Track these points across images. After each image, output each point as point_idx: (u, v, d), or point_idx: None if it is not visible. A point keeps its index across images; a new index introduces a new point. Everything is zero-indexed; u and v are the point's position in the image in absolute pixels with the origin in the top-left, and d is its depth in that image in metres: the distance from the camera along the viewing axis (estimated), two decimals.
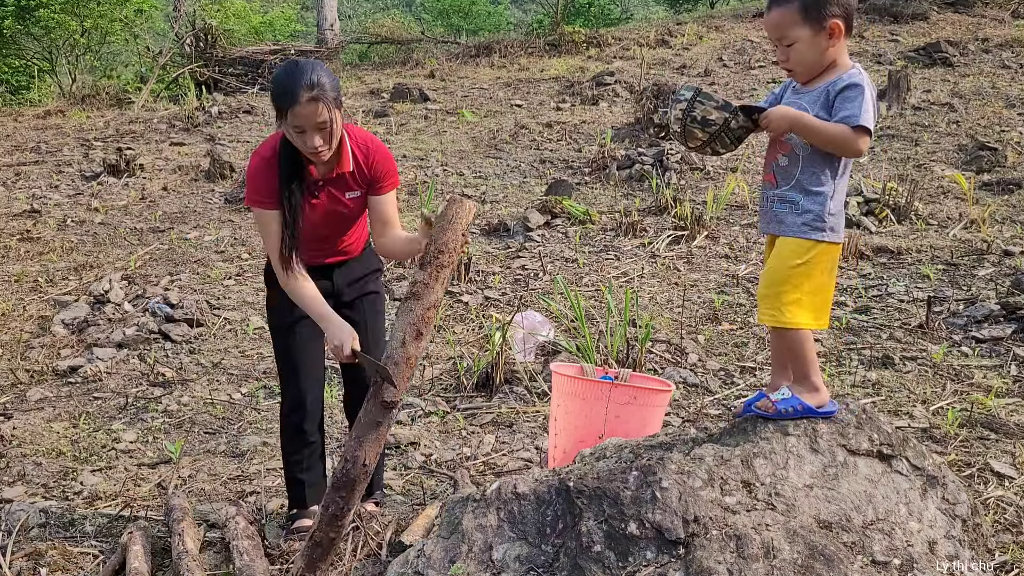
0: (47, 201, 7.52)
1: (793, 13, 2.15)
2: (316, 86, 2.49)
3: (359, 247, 2.94)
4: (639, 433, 2.87)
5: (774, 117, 2.18)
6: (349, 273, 2.90)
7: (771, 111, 2.19)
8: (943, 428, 3.46)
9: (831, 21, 2.14)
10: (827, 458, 2.26)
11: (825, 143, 2.16)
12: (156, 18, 17.66)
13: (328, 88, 2.52)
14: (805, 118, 2.16)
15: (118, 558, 2.72)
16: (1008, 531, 2.74)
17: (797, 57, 2.19)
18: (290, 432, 2.92)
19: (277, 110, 2.55)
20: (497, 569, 2.15)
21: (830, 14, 2.13)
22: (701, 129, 2.21)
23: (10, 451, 3.66)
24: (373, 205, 2.81)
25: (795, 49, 2.18)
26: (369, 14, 32.38)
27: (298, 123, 2.51)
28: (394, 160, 2.84)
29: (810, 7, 2.13)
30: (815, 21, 2.14)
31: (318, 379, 2.93)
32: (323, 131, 2.54)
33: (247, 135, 9.77)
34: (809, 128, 2.16)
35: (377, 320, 2.98)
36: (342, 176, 2.72)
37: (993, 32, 12.12)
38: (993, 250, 5.56)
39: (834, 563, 1.99)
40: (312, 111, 2.50)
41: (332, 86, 2.54)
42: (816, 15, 2.13)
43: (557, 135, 9.18)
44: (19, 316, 5.20)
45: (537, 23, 20.35)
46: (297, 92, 2.47)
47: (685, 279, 5.43)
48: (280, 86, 2.52)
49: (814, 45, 2.16)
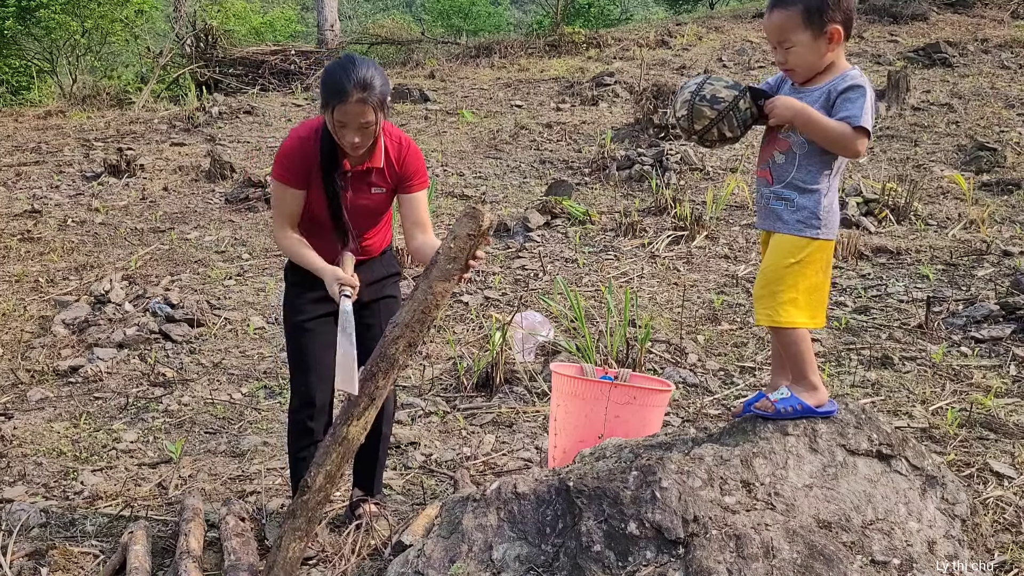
0: (48, 201, 7.53)
1: (795, 17, 2.16)
2: (368, 87, 2.50)
3: (379, 247, 2.94)
4: (639, 433, 2.88)
5: (779, 105, 2.19)
6: (369, 273, 2.88)
7: (776, 99, 2.20)
8: (942, 428, 3.46)
9: (832, 27, 2.15)
10: (826, 458, 2.27)
11: (825, 140, 2.17)
12: (156, 18, 17.68)
13: (378, 90, 2.52)
14: (809, 111, 2.16)
15: (118, 558, 2.73)
16: (1007, 531, 2.74)
17: (796, 60, 2.21)
18: (297, 430, 2.93)
19: (324, 101, 2.56)
20: (497, 569, 2.15)
21: (831, 19, 2.15)
22: (710, 107, 2.20)
23: (11, 451, 3.67)
24: (404, 204, 2.83)
25: (794, 52, 2.20)
26: (369, 15, 32.41)
27: (342, 119, 2.53)
28: (424, 160, 2.86)
29: (812, 12, 2.15)
30: (816, 26, 2.15)
31: (327, 379, 2.92)
32: (365, 131, 2.56)
33: (247, 135, 9.78)
34: (812, 122, 2.16)
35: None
36: (371, 171, 2.74)
37: (992, 33, 12.13)
38: (992, 250, 5.57)
39: (834, 563, 2.00)
40: (359, 111, 2.51)
41: (383, 89, 2.55)
42: (818, 20, 2.15)
43: (557, 135, 9.18)
44: (20, 316, 5.20)
45: (537, 24, 20.38)
46: (348, 90, 2.49)
47: (685, 279, 5.43)
48: (332, 81, 2.53)
49: (814, 49, 2.18)
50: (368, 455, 2.98)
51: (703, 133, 2.25)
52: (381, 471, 3.06)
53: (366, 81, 2.50)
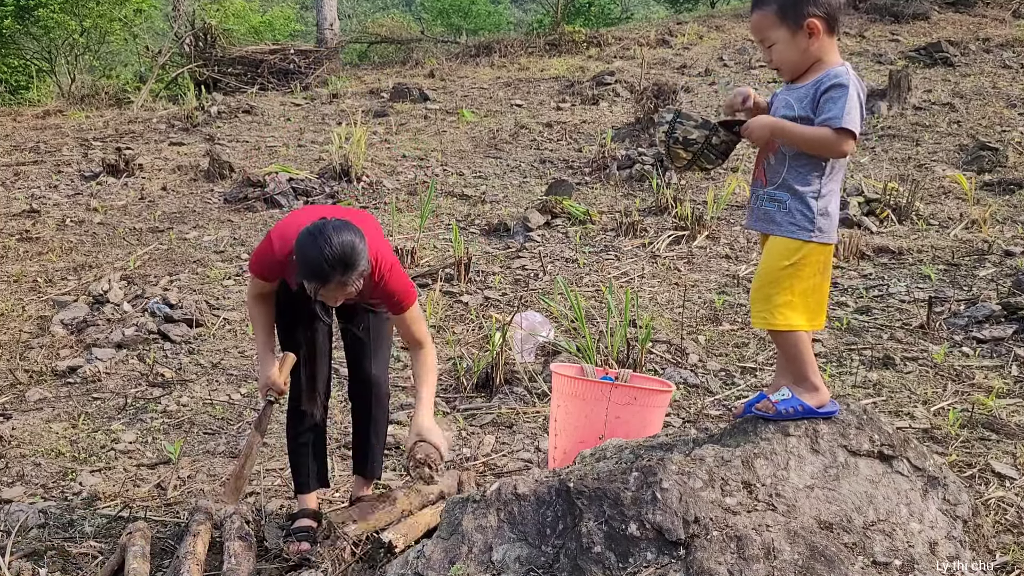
0: (46, 201, 7.52)
1: (770, 15, 2.19)
2: (348, 268, 2.40)
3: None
4: (639, 434, 2.87)
5: (754, 127, 2.21)
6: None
7: (751, 122, 2.23)
8: (944, 429, 3.45)
9: (808, 20, 2.16)
10: (828, 459, 2.26)
11: (807, 147, 2.18)
12: (155, 18, 17.64)
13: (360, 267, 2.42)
14: (785, 125, 2.18)
15: (117, 558, 2.71)
16: (1009, 532, 2.73)
17: (779, 57, 2.23)
18: (294, 415, 2.96)
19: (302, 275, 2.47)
20: (497, 570, 2.14)
21: (808, 13, 2.15)
22: (684, 149, 2.27)
23: (9, 451, 3.66)
24: (393, 321, 2.84)
25: (776, 49, 2.22)
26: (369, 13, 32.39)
27: (323, 295, 2.49)
28: (407, 281, 2.73)
29: (787, 8, 2.17)
30: (792, 20, 2.17)
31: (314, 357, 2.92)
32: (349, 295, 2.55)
33: (246, 135, 9.77)
34: (789, 134, 2.18)
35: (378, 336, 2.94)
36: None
37: (994, 32, 12.12)
38: (994, 250, 5.56)
39: (835, 564, 1.98)
40: (341, 290, 2.47)
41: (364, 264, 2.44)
42: (792, 15, 2.16)
43: (557, 135, 9.17)
44: (18, 316, 5.19)
45: (537, 23, 20.38)
46: (327, 274, 2.40)
47: (685, 279, 5.42)
48: (308, 260, 2.40)
49: (793, 45, 2.19)
50: (361, 440, 3.00)
51: (684, 168, 2.35)
52: (378, 454, 3.04)
53: (346, 261, 2.39)
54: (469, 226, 6.65)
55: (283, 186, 7.37)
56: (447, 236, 6.27)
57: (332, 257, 2.38)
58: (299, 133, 9.77)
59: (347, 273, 2.42)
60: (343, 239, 2.41)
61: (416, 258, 5.82)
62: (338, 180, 7.65)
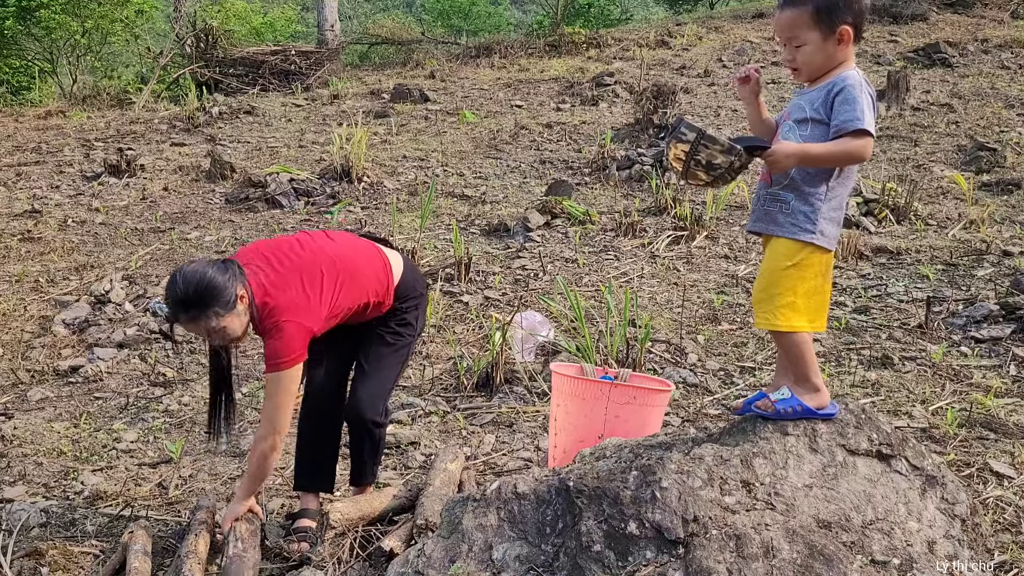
0: (48, 201, 7.53)
1: (805, 16, 2.15)
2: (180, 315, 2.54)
3: (383, 310, 2.91)
4: (639, 433, 2.88)
5: (779, 156, 2.14)
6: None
7: (776, 149, 2.15)
8: (942, 428, 3.46)
9: (842, 27, 2.14)
10: (826, 458, 2.27)
11: (835, 163, 2.16)
12: (157, 19, 17.68)
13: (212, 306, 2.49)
14: (809, 150, 2.14)
15: (118, 558, 2.73)
16: (1007, 531, 2.74)
17: (804, 59, 2.19)
18: (303, 411, 2.98)
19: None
20: (497, 569, 2.15)
21: (841, 20, 2.13)
22: (706, 172, 2.15)
23: (11, 451, 3.67)
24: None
25: (803, 51, 2.18)
26: (369, 15, 32.40)
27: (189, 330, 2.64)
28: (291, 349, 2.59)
29: (823, 11, 2.13)
30: (826, 26, 2.14)
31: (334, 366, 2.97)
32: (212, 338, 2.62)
33: (248, 136, 9.78)
34: (814, 158, 2.15)
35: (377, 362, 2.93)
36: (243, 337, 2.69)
37: (992, 33, 12.14)
38: (992, 250, 5.57)
39: (833, 563, 2.00)
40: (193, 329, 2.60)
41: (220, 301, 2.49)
42: (828, 20, 2.13)
43: (557, 136, 9.18)
44: (20, 316, 5.20)
45: (537, 24, 20.38)
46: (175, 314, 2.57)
47: (685, 279, 5.43)
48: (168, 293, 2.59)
49: (823, 49, 2.16)
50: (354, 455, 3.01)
51: (696, 185, 2.27)
52: (370, 467, 3.04)
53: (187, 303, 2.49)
54: (469, 226, 6.67)
55: (284, 186, 7.38)
56: (447, 236, 6.29)
57: (174, 298, 2.53)
58: (300, 134, 9.78)
59: (190, 312, 2.51)
60: (191, 280, 2.50)
61: (416, 258, 5.83)
62: (339, 180, 7.66)
